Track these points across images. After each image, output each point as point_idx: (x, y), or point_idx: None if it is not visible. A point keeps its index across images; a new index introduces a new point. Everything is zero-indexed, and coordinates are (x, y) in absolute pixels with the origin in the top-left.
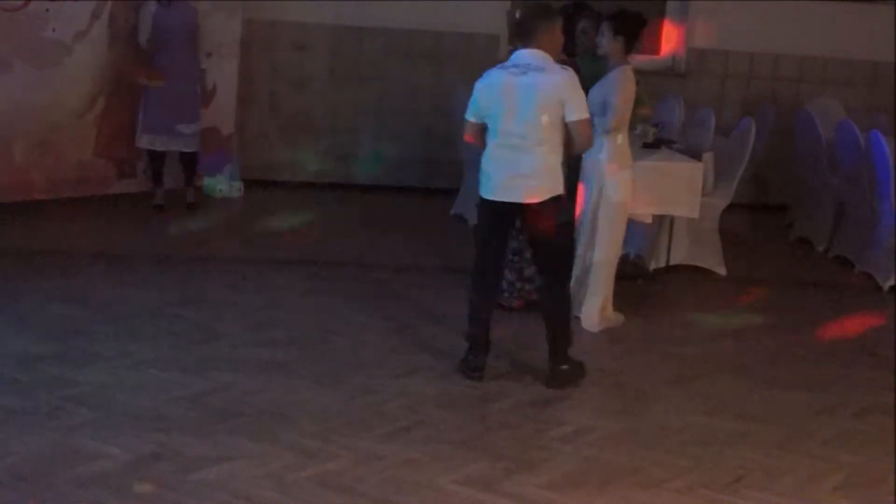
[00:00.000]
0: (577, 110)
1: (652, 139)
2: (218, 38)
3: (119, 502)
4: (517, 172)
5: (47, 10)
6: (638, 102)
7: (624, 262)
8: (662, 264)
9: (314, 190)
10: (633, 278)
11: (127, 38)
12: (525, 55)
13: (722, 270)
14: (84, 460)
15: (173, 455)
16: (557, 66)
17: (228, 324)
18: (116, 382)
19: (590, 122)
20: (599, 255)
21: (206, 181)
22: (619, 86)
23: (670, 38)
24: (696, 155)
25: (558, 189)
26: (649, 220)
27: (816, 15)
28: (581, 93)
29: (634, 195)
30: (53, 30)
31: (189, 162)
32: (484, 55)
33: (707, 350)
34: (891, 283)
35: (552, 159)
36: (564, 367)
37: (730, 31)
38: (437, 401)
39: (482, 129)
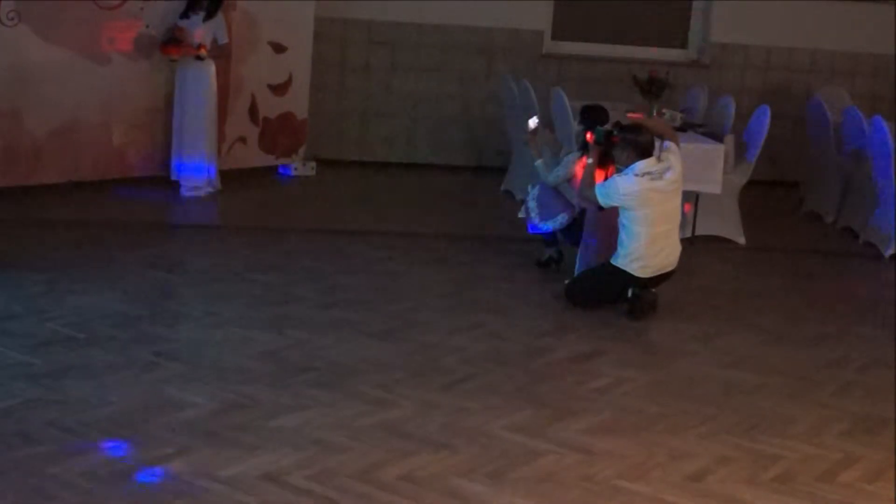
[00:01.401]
0: None
1: (680, 123)
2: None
3: (205, 446)
4: None
5: (141, 9)
6: None
7: None
8: (689, 234)
9: (373, 170)
10: None
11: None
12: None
13: (741, 240)
14: (174, 409)
15: (254, 404)
16: None
17: (303, 287)
18: (203, 339)
19: None
20: None
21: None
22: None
23: (695, 34)
24: (718, 138)
25: None
26: None
27: (826, 13)
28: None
29: None
30: (147, 26)
31: None
32: (529, 49)
33: (727, 310)
34: (891, 251)
35: None
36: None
37: (749, 27)
38: (489, 356)
39: None
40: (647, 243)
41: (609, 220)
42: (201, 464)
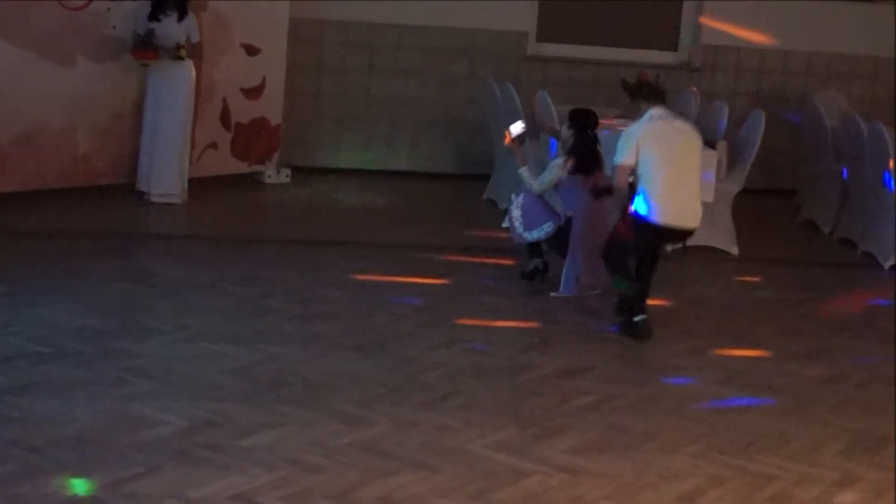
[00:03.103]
0: None
1: None
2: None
3: (175, 465)
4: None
5: (108, 10)
6: None
7: None
8: (680, 245)
9: (353, 176)
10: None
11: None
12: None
13: (735, 250)
14: (143, 427)
15: (226, 422)
16: None
17: (277, 300)
18: (173, 354)
19: None
20: None
21: None
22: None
23: (686, 36)
24: (710, 144)
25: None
26: None
27: (822, 14)
28: None
29: None
30: (114, 27)
31: None
32: (513, 51)
33: (720, 324)
34: (891, 262)
35: None
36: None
37: (742, 28)
38: (470, 371)
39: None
40: (661, 183)
41: (597, 229)
42: (171, 484)
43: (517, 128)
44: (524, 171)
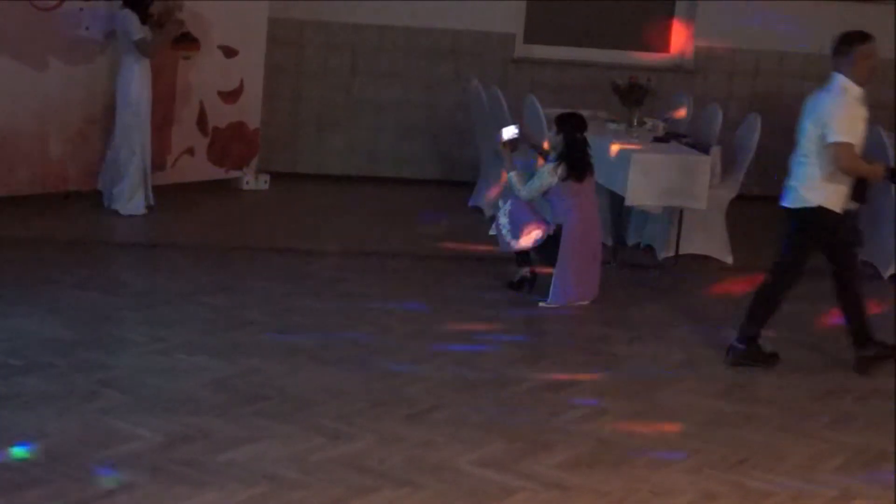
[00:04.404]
0: (833, 133)
1: (662, 133)
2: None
3: (151, 481)
4: (790, 181)
5: (81, 10)
6: None
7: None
8: (672, 253)
9: (334, 183)
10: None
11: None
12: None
13: (729, 259)
14: (117, 441)
15: (202, 436)
16: (837, 88)
17: (255, 311)
18: (148, 367)
19: (848, 146)
20: None
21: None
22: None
23: (679, 37)
24: (704, 148)
25: (816, 201)
26: (659, 212)
27: (820, 14)
28: (843, 115)
29: (645, 187)
30: (87, 28)
31: None
32: (499, 53)
33: (714, 336)
34: (891, 271)
35: (814, 172)
36: (869, 353)
37: (736, 29)
38: (456, 384)
39: None
40: None
41: (588, 237)
42: (146, 501)
43: (509, 132)
44: (513, 177)
